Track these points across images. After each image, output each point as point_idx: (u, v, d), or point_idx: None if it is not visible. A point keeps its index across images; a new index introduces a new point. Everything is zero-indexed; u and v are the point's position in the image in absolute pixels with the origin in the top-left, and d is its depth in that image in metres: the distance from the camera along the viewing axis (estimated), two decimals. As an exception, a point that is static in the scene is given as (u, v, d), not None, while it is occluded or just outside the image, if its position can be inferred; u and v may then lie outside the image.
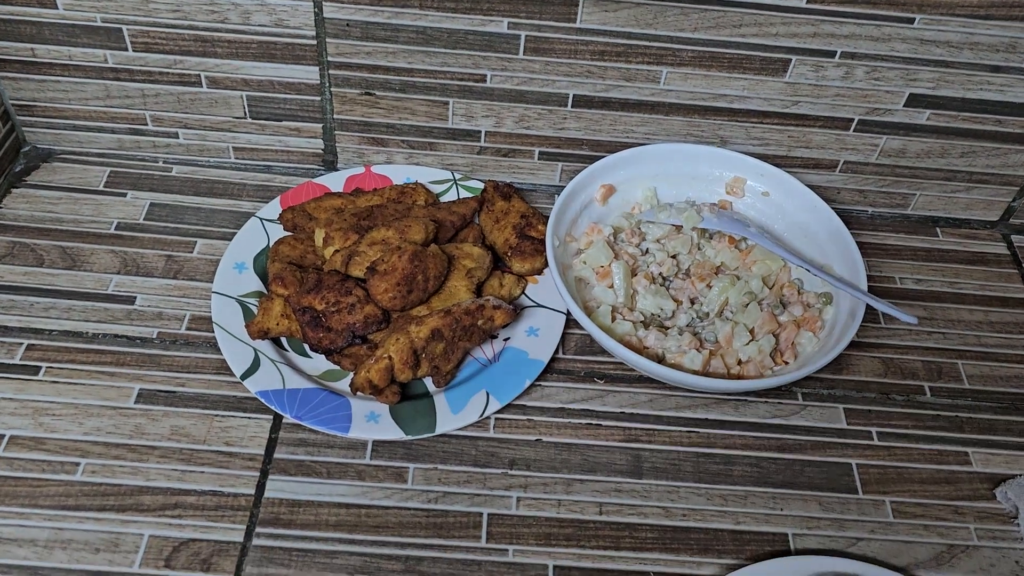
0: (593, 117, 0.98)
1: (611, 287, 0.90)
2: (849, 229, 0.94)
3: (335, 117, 1.02)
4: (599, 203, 0.98)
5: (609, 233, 0.94)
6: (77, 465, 0.78)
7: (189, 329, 0.92)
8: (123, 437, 0.82)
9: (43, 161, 1.06)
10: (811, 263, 0.90)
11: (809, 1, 0.88)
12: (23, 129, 1.05)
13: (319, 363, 0.89)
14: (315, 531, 0.76)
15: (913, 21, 0.89)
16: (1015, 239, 1.09)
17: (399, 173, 1.06)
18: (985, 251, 1.06)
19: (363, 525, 0.76)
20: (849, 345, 0.85)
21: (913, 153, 1.03)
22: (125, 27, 0.95)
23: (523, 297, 0.96)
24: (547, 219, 0.91)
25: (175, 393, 0.85)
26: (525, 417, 0.85)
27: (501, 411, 0.84)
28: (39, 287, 0.92)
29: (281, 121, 1.03)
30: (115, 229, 1.00)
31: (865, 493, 0.82)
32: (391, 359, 0.84)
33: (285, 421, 0.85)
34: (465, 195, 1.05)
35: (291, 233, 0.99)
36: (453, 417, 0.85)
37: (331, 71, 0.98)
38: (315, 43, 0.91)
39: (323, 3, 0.89)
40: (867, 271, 0.92)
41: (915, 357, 0.94)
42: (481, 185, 1.05)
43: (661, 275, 0.93)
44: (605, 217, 0.99)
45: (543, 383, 0.91)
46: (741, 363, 0.86)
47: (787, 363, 0.87)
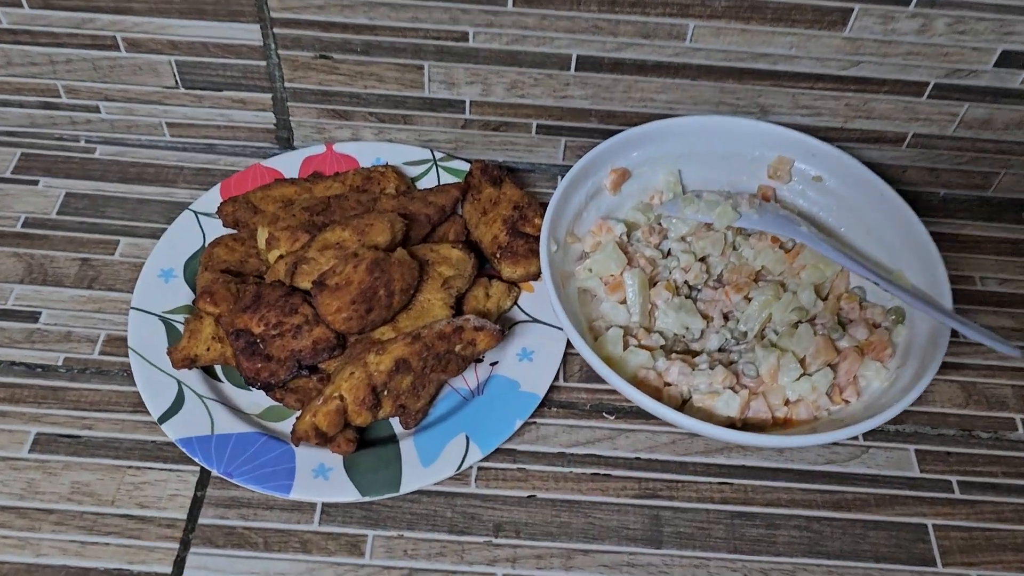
0: (602, 83, 0.80)
1: (623, 302, 0.72)
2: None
3: (286, 86, 0.84)
4: (609, 192, 0.79)
5: (621, 232, 0.76)
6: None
7: (104, 354, 0.75)
8: (11, 498, 0.67)
9: (-60, 142, 0.89)
10: (877, 271, 0.71)
11: (883, -70, 0.68)
12: (-86, 104, 0.88)
13: (262, 398, 0.72)
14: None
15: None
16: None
17: (367, 153, 0.88)
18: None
19: (304, 618, 0.61)
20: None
21: (1000, 124, 0.85)
22: (16, -24, 0.76)
23: (515, 309, 0.78)
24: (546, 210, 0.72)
25: (80, 439, 0.69)
26: (515, 466, 0.68)
27: (485, 459, 0.67)
28: (-81, 302, 0.76)
29: (221, 91, 0.85)
30: (21, 226, 0.83)
31: (946, 565, 0.68)
32: (343, 399, 0.67)
33: (215, 474, 0.68)
34: (448, 180, 0.87)
35: (232, 231, 0.81)
36: (423, 471, 0.68)
37: (276, 29, 0.79)
38: (254, -6, 0.72)
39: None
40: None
41: (1003, 381, 0.79)
42: (467, 167, 0.86)
43: (687, 284, 0.75)
44: (617, 210, 0.80)
45: (538, 420, 0.73)
46: (789, 403, 0.68)
47: (848, 402, 0.68)
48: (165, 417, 0.69)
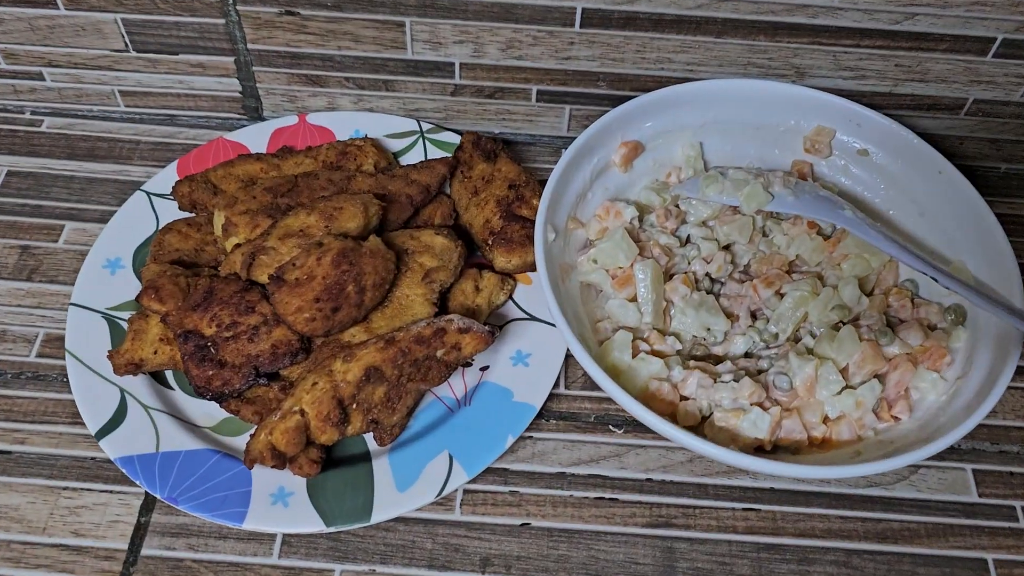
0: (612, 41, 0.70)
1: (633, 299, 0.61)
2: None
3: (250, 47, 0.74)
4: (619, 169, 0.68)
5: (632, 216, 0.65)
6: None
7: (41, 356, 0.67)
8: (-73, 525, 0.58)
9: None
10: (933, 262, 0.59)
11: None
12: None
13: (217, 408, 0.63)
14: None
15: None
16: None
17: (345, 124, 0.78)
18: None
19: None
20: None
21: (1077, 87, 0.72)
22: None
23: (510, 304, 0.68)
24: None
25: (10, 454, 0.63)
26: (507, 488, 0.59)
27: (472, 480, 0.60)
28: None
29: (177, 54, 0.75)
30: (-45, 209, 0.74)
31: (1010, 610, 0.56)
32: (304, 414, 0.58)
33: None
34: (436, 155, 0.76)
35: (189, 214, 0.71)
36: (399, 496, 0.59)
37: (233, -19, 0.68)
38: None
39: None
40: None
41: (1076, 388, 0.66)
42: (459, 139, 0.76)
43: (708, 277, 0.64)
44: (627, 190, 0.69)
45: (535, 433, 0.64)
46: (828, 421, 0.57)
47: (898, 419, 0.58)
48: (104, 432, 0.60)
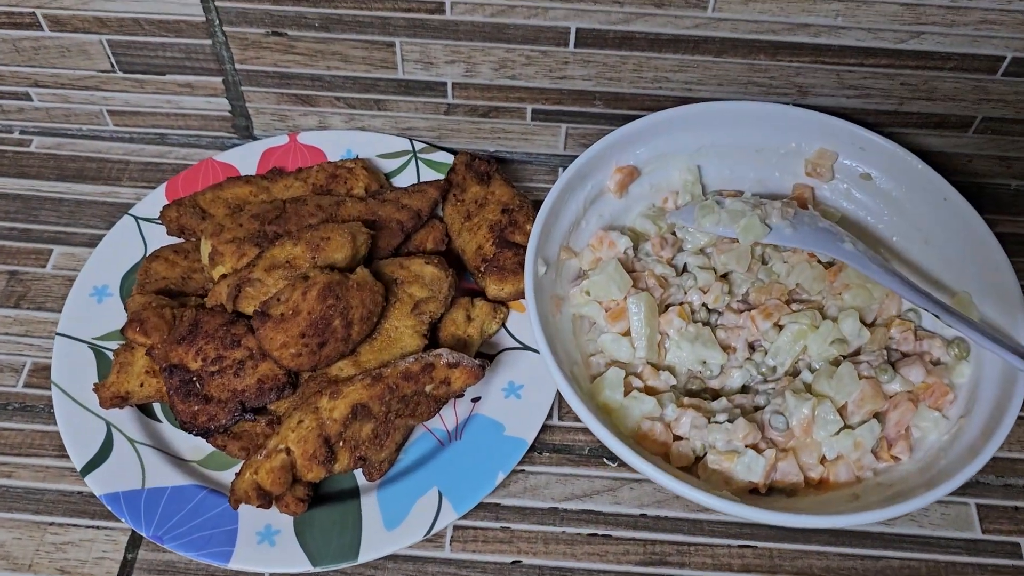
0: (608, 60, 0.68)
1: (626, 334, 0.60)
2: (982, 212, 0.63)
3: (237, 67, 0.72)
4: (614, 195, 0.67)
5: (626, 247, 0.63)
6: None
7: (29, 386, 0.66)
8: (-89, 563, 0.58)
9: None
10: (937, 297, 0.58)
11: None
12: None
13: (204, 441, 0.62)
14: None
15: None
16: None
17: (336, 143, 0.76)
18: None
19: None
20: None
21: (1091, 105, 0.69)
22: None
23: (503, 333, 0.67)
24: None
25: None
26: (498, 525, 0.58)
27: (463, 516, 0.59)
28: None
29: (164, 75, 0.73)
30: (-58, 233, 0.73)
31: (1014, 655, 0.55)
32: (290, 452, 0.56)
33: (147, 535, 0.59)
34: (429, 176, 0.75)
35: (178, 239, 0.70)
36: (387, 535, 0.58)
37: (218, 3, 0.68)
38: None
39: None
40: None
41: (1085, 419, 0.64)
42: (453, 158, 0.74)
43: (705, 307, 0.62)
44: (622, 216, 0.67)
45: (527, 467, 0.63)
46: (826, 462, 0.56)
47: (898, 459, 0.56)
48: (89, 467, 0.60)
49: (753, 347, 0.62)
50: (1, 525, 0.60)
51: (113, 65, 0.73)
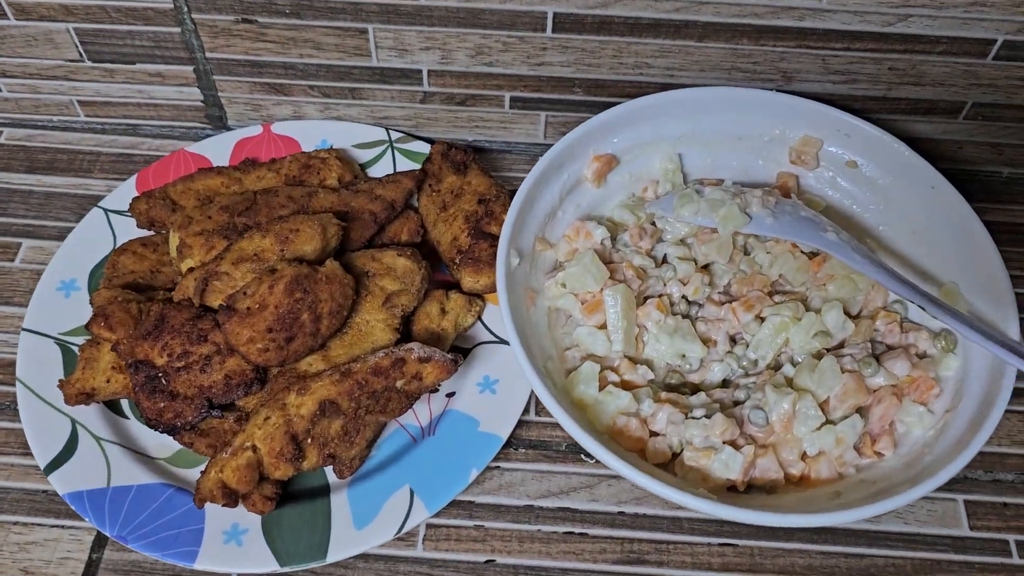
0: (586, 46, 0.66)
1: (603, 327, 0.58)
2: (972, 201, 0.61)
3: (208, 56, 0.70)
4: (592, 184, 0.65)
5: (603, 237, 0.61)
6: None
7: (-6, 382, 0.64)
8: None
9: None
10: (923, 288, 0.56)
11: None
12: None
13: (172, 439, 0.60)
14: None
15: None
16: None
17: (311, 133, 0.75)
18: None
19: None
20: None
21: (1084, 89, 0.68)
22: None
23: (478, 326, 0.65)
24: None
25: None
26: (472, 523, 0.57)
27: (436, 514, 0.58)
28: None
29: (134, 64, 0.71)
30: (-91, 227, 0.72)
31: (1001, 655, 0.54)
32: (256, 450, 0.55)
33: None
34: (405, 166, 0.73)
35: (148, 232, 0.68)
36: (356, 534, 0.56)
37: (186, -12, 0.65)
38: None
39: None
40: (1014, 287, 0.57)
41: (1077, 413, 0.63)
42: (430, 148, 0.72)
43: (685, 300, 0.60)
44: (601, 205, 0.66)
45: (502, 464, 0.61)
46: (807, 458, 0.54)
47: (881, 455, 0.54)
48: (53, 466, 0.58)
49: (735, 340, 0.60)
50: (-36, 525, 0.59)
51: (81, 54, 0.71)
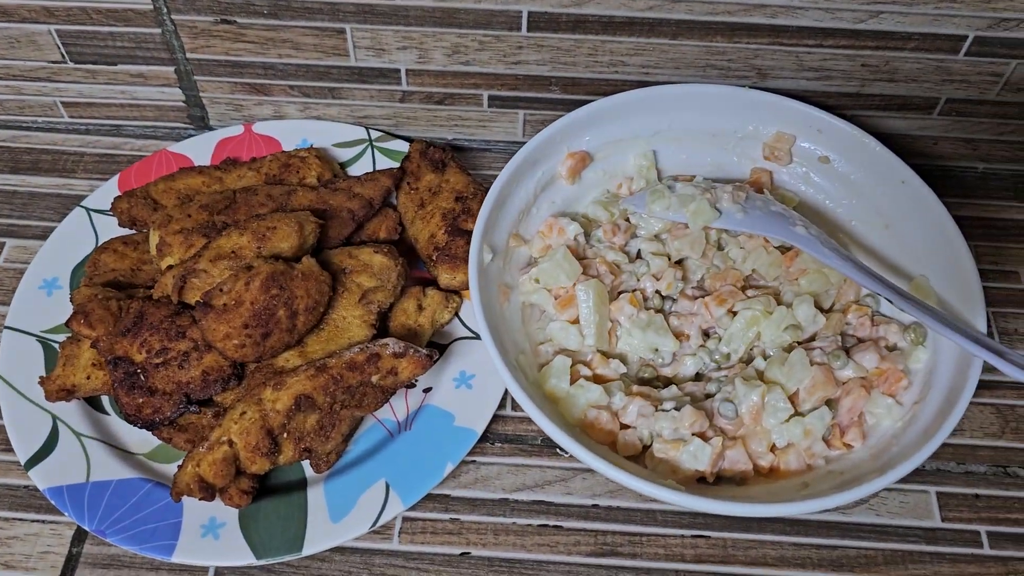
0: (562, 45, 0.66)
1: (576, 321, 0.59)
2: (947, 197, 0.61)
3: (189, 56, 0.71)
4: (566, 181, 0.65)
5: (576, 233, 0.62)
6: None
7: (-23, 380, 0.64)
8: None
9: None
10: (893, 282, 0.56)
11: None
12: None
13: (152, 435, 0.61)
14: None
15: None
16: None
17: (291, 133, 0.76)
18: None
19: None
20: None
21: (1056, 84, 0.68)
22: None
23: (456, 323, 0.66)
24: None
25: None
26: (447, 516, 0.57)
27: (412, 507, 0.59)
28: None
29: (115, 65, 0.72)
30: None
31: (969, 643, 0.54)
32: (232, 444, 0.56)
33: (91, 529, 0.58)
34: (385, 164, 0.74)
35: (129, 231, 0.69)
36: (332, 527, 0.57)
37: (164, -11, 0.66)
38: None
39: None
40: (980, 275, 0.58)
41: (1048, 405, 0.64)
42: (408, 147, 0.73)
43: (659, 295, 0.61)
44: (575, 202, 0.66)
45: (478, 458, 0.62)
46: (776, 450, 0.55)
47: (850, 447, 0.55)
48: (33, 461, 0.59)
49: (707, 334, 0.61)
50: (-55, 520, 0.59)
51: (64, 56, 0.72)
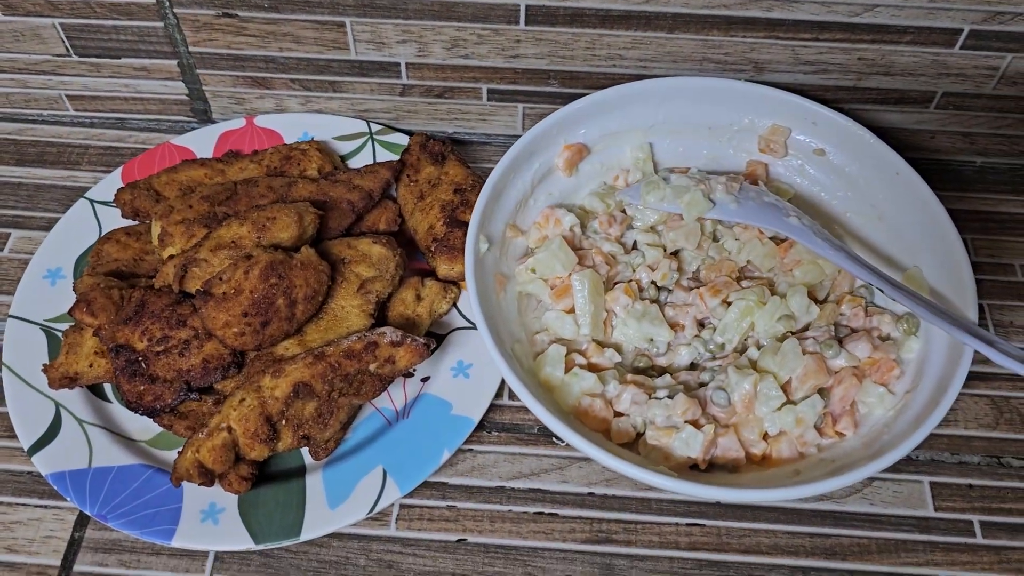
0: (560, 38, 0.67)
1: (571, 311, 0.59)
2: (945, 190, 0.61)
3: (191, 50, 0.72)
4: (563, 173, 0.66)
5: (572, 224, 0.63)
6: None
7: (-18, 368, 0.65)
8: None
9: None
10: (886, 272, 0.57)
11: None
12: None
13: (153, 422, 0.62)
14: None
15: None
16: None
17: (293, 126, 0.76)
18: None
19: None
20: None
21: (1052, 78, 0.69)
22: None
23: (453, 313, 0.66)
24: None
25: None
26: (444, 503, 0.58)
27: (409, 494, 0.60)
28: None
29: (119, 58, 0.73)
30: (-99, 218, 0.73)
31: (961, 631, 0.55)
32: (232, 431, 0.56)
33: (94, 514, 0.59)
34: (385, 157, 0.74)
35: (132, 222, 0.70)
36: (330, 513, 0.58)
37: (167, -17, 0.67)
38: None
39: None
40: (972, 257, 0.58)
41: (1043, 396, 0.64)
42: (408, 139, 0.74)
43: (654, 285, 0.62)
44: (572, 194, 0.67)
45: (475, 446, 0.63)
46: (768, 438, 0.55)
47: (843, 435, 0.56)
48: (36, 447, 0.60)
49: (702, 324, 0.61)
50: (-50, 505, 0.60)
51: (68, 49, 0.73)
